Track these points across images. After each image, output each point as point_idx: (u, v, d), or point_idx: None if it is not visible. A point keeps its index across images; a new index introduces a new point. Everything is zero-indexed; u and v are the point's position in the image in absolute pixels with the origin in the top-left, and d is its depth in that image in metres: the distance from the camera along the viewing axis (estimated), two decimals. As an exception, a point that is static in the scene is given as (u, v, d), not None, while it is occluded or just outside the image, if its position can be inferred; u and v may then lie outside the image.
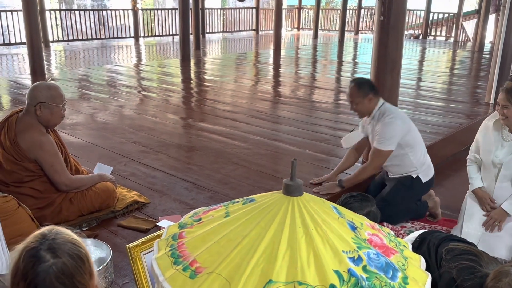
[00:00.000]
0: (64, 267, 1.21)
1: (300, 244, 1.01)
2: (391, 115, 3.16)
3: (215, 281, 0.97)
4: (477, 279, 1.87)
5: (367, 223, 1.20)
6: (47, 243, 1.25)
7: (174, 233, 1.18)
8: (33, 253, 1.23)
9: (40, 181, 2.73)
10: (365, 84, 3.24)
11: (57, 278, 1.20)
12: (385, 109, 3.21)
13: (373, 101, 3.22)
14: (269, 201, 1.14)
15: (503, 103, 2.69)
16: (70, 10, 14.68)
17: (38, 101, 2.68)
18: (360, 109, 3.24)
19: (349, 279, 0.96)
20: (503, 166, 2.78)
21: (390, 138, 3.13)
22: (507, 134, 2.80)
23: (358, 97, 3.19)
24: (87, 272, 1.26)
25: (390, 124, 3.13)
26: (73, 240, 1.29)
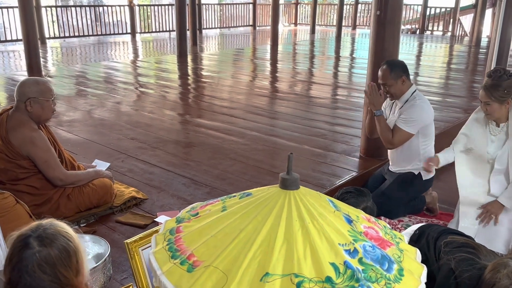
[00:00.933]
0: (48, 256, 1.25)
1: (297, 237, 1.02)
2: (421, 100, 3.19)
3: (212, 274, 0.97)
4: (476, 270, 1.88)
5: (363, 216, 1.21)
6: (38, 232, 1.29)
7: (172, 228, 1.19)
8: (22, 239, 1.29)
9: (36, 178, 2.73)
10: (398, 65, 3.23)
11: (39, 266, 1.24)
12: (417, 94, 3.23)
13: (406, 84, 3.22)
14: (266, 195, 1.14)
15: (485, 100, 2.72)
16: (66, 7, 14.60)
17: (27, 96, 2.67)
18: (394, 91, 3.22)
19: (345, 271, 0.97)
20: (496, 160, 2.80)
21: (414, 120, 3.14)
22: (494, 128, 2.82)
23: (391, 80, 3.18)
24: (73, 267, 1.29)
25: (418, 107, 3.14)
26: (65, 234, 1.32)
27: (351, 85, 7.70)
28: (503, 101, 2.69)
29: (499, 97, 2.68)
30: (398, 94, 3.24)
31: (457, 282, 1.92)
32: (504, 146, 2.79)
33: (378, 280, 0.98)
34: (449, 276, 1.95)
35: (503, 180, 2.82)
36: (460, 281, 1.91)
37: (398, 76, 3.18)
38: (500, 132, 2.82)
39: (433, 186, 3.88)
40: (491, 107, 2.71)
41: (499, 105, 2.71)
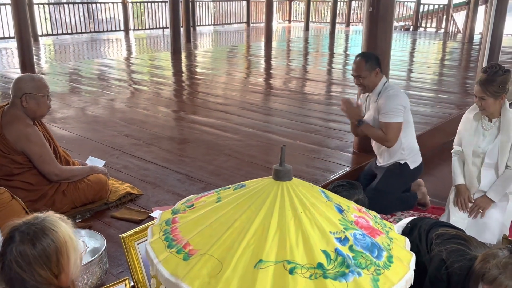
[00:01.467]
0: (24, 253, 1.26)
1: (289, 226, 1.05)
2: (393, 90, 3.22)
3: (207, 262, 1.00)
4: (466, 261, 1.93)
5: (354, 207, 1.24)
6: (25, 226, 1.31)
7: (168, 219, 1.21)
8: (10, 231, 1.30)
9: (30, 173, 2.75)
10: (373, 57, 3.24)
11: (16, 261, 1.26)
12: (388, 85, 3.26)
13: (379, 76, 3.23)
14: (259, 186, 1.17)
15: (480, 95, 2.76)
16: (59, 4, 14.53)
17: (23, 92, 2.68)
18: (368, 83, 3.23)
19: (336, 258, 1.00)
20: (487, 154, 2.85)
21: (396, 110, 3.15)
22: (487, 123, 2.87)
23: (365, 72, 3.19)
24: (52, 267, 1.28)
25: (394, 97, 3.17)
26: (50, 232, 1.31)
27: (345, 81, 7.73)
28: (498, 96, 2.74)
29: (494, 92, 2.72)
30: (371, 86, 3.26)
31: (448, 272, 1.97)
32: (495, 141, 2.84)
33: (368, 266, 1.02)
34: (440, 266, 2.00)
35: (492, 174, 2.87)
36: (451, 271, 1.96)
37: (372, 68, 3.19)
38: (492, 127, 2.87)
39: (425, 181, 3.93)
40: (486, 102, 2.75)
41: (493, 100, 2.75)
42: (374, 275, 1.00)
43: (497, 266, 1.78)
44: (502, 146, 2.81)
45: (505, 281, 1.78)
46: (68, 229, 1.36)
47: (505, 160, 2.83)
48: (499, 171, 2.84)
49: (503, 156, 2.82)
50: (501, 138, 2.81)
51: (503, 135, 2.80)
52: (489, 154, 2.85)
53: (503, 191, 2.85)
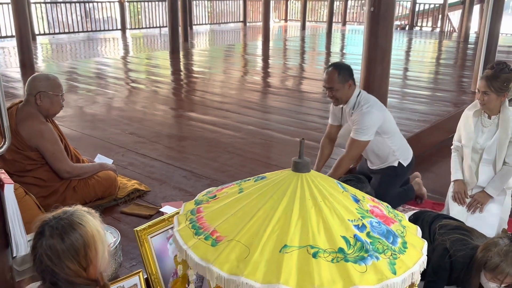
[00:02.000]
0: (54, 248, 1.32)
1: (310, 214, 1.12)
2: (368, 104, 3.05)
3: (235, 247, 1.07)
4: (469, 250, 2.02)
5: (368, 197, 1.31)
6: (54, 221, 1.36)
7: (192, 209, 1.28)
8: (40, 225, 1.36)
9: (43, 170, 2.81)
10: (345, 68, 3.06)
11: (46, 255, 1.32)
12: (362, 98, 3.09)
13: (352, 88, 3.06)
14: (280, 177, 1.24)
15: (483, 89, 2.82)
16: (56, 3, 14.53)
17: (38, 90, 2.75)
18: (340, 96, 3.06)
19: (355, 243, 1.07)
20: (485, 151, 2.92)
21: (367, 128, 3.02)
22: (486, 120, 2.94)
23: (338, 84, 3.01)
24: (80, 261, 1.34)
25: (368, 114, 3.01)
26: (78, 227, 1.36)
27: (342, 80, 7.80)
28: (501, 93, 2.80)
29: (498, 89, 2.78)
30: (343, 99, 3.09)
31: (451, 260, 2.05)
32: (494, 137, 2.92)
33: (385, 251, 1.09)
34: (444, 255, 2.08)
35: (490, 170, 2.95)
36: (454, 260, 2.04)
37: (345, 80, 3.02)
38: (491, 124, 2.94)
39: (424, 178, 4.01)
40: (489, 97, 2.81)
41: (496, 97, 2.81)
42: (390, 259, 1.08)
43: (498, 254, 1.88)
44: (500, 142, 2.89)
45: (506, 268, 1.87)
46: (96, 222, 1.40)
47: (503, 156, 2.90)
48: (497, 167, 2.91)
49: (501, 153, 2.90)
50: (500, 135, 2.89)
51: (502, 132, 2.87)
52: (487, 151, 2.92)
53: (501, 187, 2.93)
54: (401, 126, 4.76)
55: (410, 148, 3.44)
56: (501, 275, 1.91)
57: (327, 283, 0.99)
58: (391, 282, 1.03)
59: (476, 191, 2.99)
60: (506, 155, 2.89)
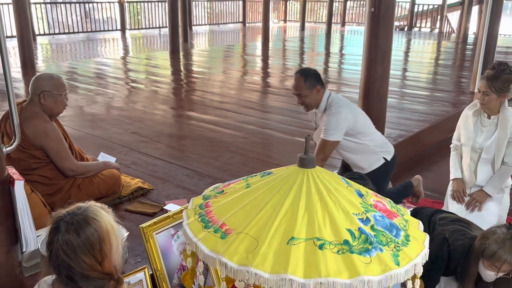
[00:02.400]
0: (70, 243, 1.35)
1: (316, 208, 1.16)
2: (337, 105, 3.01)
3: (244, 240, 1.11)
4: (467, 240, 2.07)
5: (371, 192, 1.35)
6: (69, 217, 1.39)
7: (200, 203, 1.32)
8: (55, 221, 1.39)
9: (48, 168, 2.84)
10: (312, 74, 3.04)
11: (62, 250, 1.34)
12: (332, 100, 3.05)
13: (321, 93, 3.03)
14: (286, 173, 1.28)
15: (484, 89, 2.86)
16: (56, 3, 14.56)
17: (42, 90, 2.79)
18: (309, 101, 3.04)
19: (360, 236, 1.11)
20: (484, 150, 2.96)
21: (335, 128, 2.98)
22: (485, 120, 2.98)
23: (306, 89, 2.99)
24: (96, 255, 1.36)
25: (335, 114, 2.98)
26: (93, 222, 1.39)
27: (341, 80, 7.86)
28: (501, 93, 2.84)
29: (499, 89, 2.82)
30: (313, 104, 3.07)
31: (449, 249, 2.10)
32: (493, 137, 2.95)
33: (389, 243, 1.13)
34: (442, 244, 2.13)
35: (489, 169, 2.99)
36: (452, 249, 2.10)
37: (312, 86, 2.99)
38: (491, 124, 2.98)
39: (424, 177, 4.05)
40: (489, 97, 2.84)
41: (496, 97, 2.85)
42: (394, 251, 1.11)
43: (496, 242, 1.94)
44: (499, 142, 2.93)
45: (504, 255, 1.92)
46: (109, 217, 1.43)
47: (501, 156, 2.94)
48: (496, 166, 2.95)
49: (499, 152, 2.94)
50: (498, 134, 2.93)
51: (501, 132, 2.91)
52: (486, 150, 2.96)
53: (499, 186, 2.97)
54: (400, 126, 4.84)
55: (389, 142, 3.39)
56: (498, 262, 1.96)
57: (333, 273, 1.03)
58: (395, 273, 1.06)
59: (474, 190, 3.03)
60: (505, 155, 2.93)
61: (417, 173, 4.20)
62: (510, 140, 2.90)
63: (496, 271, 1.99)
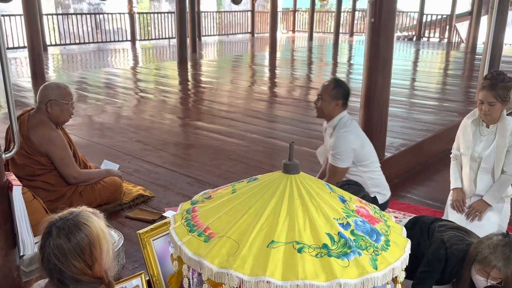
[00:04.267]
0: (61, 247, 1.38)
1: (298, 213, 1.18)
2: (345, 129, 2.98)
3: (226, 243, 1.14)
4: (465, 245, 2.09)
5: (355, 198, 1.38)
6: (60, 222, 1.42)
7: (188, 208, 1.35)
8: (47, 226, 1.43)
9: (51, 174, 2.91)
10: (342, 89, 3.04)
11: (54, 254, 1.38)
12: (343, 122, 3.02)
13: (337, 109, 3.01)
14: (270, 178, 1.31)
15: (490, 100, 2.80)
16: (67, 14, 14.81)
17: (49, 99, 2.87)
18: (323, 108, 3.01)
19: (339, 240, 1.14)
20: (483, 159, 2.95)
21: (343, 153, 2.93)
22: (484, 129, 2.98)
23: (328, 96, 2.99)
24: (86, 259, 1.40)
25: (342, 138, 2.95)
26: (84, 227, 1.42)
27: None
28: (505, 101, 2.82)
29: (503, 97, 2.80)
30: (324, 112, 3.03)
31: (447, 253, 2.11)
32: (491, 146, 2.95)
33: (368, 248, 1.15)
34: (440, 247, 2.15)
35: (489, 178, 2.98)
36: (449, 252, 2.11)
37: (335, 97, 2.97)
38: (489, 133, 2.98)
39: (427, 186, 4.05)
40: (494, 107, 2.81)
41: (501, 106, 2.83)
42: (372, 255, 1.13)
43: (488, 247, 1.96)
44: (498, 151, 2.92)
45: (494, 261, 1.93)
46: (100, 222, 1.47)
47: (501, 165, 2.93)
48: (495, 175, 2.95)
49: (499, 161, 2.93)
50: (497, 143, 2.92)
51: (499, 141, 2.91)
52: (485, 159, 2.96)
53: (499, 195, 2.96)
54: (403, 135, 4.84)
55: (388, 188, 3.22)
56: (488, 267, 1.97)
57: (311, 276, 1.05)
58: (372, 276, 1.08)
59: (474, 200, 3.02)
60: (504, 164, 2.92)
61: (420, 182, 4.23)
62: (509, 149, 2.89)
63: (486, 277, 1.99)
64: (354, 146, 2.96)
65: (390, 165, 4.15)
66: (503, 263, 1.95)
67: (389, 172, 4.02)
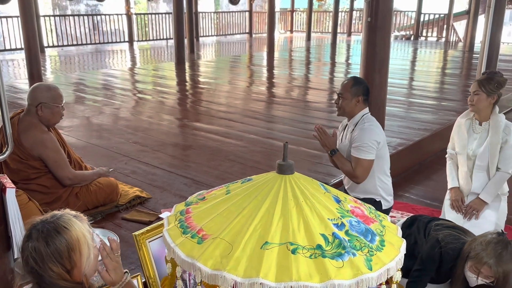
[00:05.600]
0: (38, 250, 1.36)
1: (292, 213, 1.17)
2: (370, 122, 2.95)
3: (219, 244, 1.13)
4: (459, 244, 2.09)
5: (350, 198, 1.37)
6: (41, 224, 1.40)
7: (182, 210, 1.34)
8: (29, 228, 1.41)
9: (46, 177, 2.89)
10: (362, 85, 3.01)
11: (32, 257, 1.35)
12: (366, 117, 2.99)
13: (359, 106, 2.98)
14: (265, 179, 1.30)
15: (474, 89, 2.91)
16: (64, 16, 14.79)
17: (39, 101, 2.82)
18: (344, 106, 2.99)
19: (333, 240, 1.12)
20: (477, 157, 2.96)
21: (368, 145, 2.87)
22: (477, 126, 2.99)
23: (348, 94, 2.96)
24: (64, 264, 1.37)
25: (368, 130, 2.90)
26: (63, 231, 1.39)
27: (346, 90, 7.86)
28: (491, 94, 2.87)
29: (489, 90, 2.85)
30: (347, 111, 3.00)
31: (441, 251, 2.11)
32: (485, 143, 2.96)
33: (362, 248, 1.14)
34: (434, 246, 2.15)
35: (485, 176, 2.98)
36: (444, 251, 2.11)
37: (356, 94, 2.95)
38: (482, 130, 3.00)
39: (424, 186, 4.04)
40: (479, 97, 2.88)
41: (486, 97, 2.88)
42: (367, 256, 1.12)
43: (481, 244, 1.97)
44: (492, 148, 2.93)
45: (485, 258, 1.94)
46: (82, 226, 1.43)
47: (495, 162, 2.94)
48: (491, 173, 2.95)
49: (493, 158, 2.94)
50: (491, 140, 2.93)
51: (493, 137, 2.92)
52: (479, 157, 2.96)
53: (495, 193, 2.96)
54: (401, 135, 4.84)
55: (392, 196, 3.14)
56: (479, 264, 1.98)
57: (304, 277, 1.04)
58: (366, 277, 1.07)
59: (471, 198, 3.02)
60: (499, 161, 2.93)
61: (417, 181, 4.22)
62: (502, 146, 2.91)
63: (477, 274, 1.99)
64: (378, 139, 2.92)
65: (388, 165, 4.14)
66: (494, 261, 1.95)
67: (387, 172, 4.03)
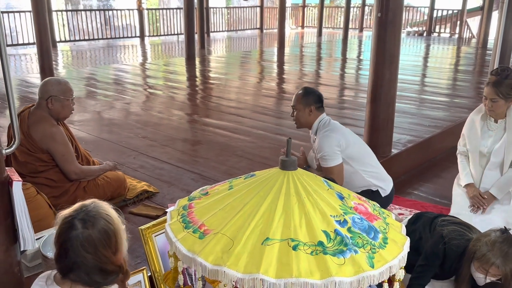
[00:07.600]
0: (89, 238, 1.39)
1: (294, 209, 1.16)
2: (326, 129, 2.95)
3: (220, 240, 1.12)
4: (464, 241, 2.08)
5: (354, 195, 1.35)
6: (82, 214, 1.43)
7: (184, 204, 1.34)
8: (68, 220, 1.42)
9: (54, 171, 2.91)
10: (312, 95, 3.02)
11: (82, 246, 1.38)
12: (323, 124, 2.99)
13: (313, 115, 3.00)
14: (267, 175, 1.29)
15: (491, 96, 2.82)
16: (76, 11, 14.88)
17: (49, 95, 2.85)
18: (299, 118, 3.02)
19: (335, 237, 1.11)
20: (492, 154, 2.93)
21: (330, 153, 2.88)
22: (492, 124, 2.95)
23: (300, 105, 2.99)
24: (112, 247, 1.41)
25: (324, 138, 2.91)
26: (106, 216, 1.44)
27: (358, 86, 7.82)
28: (508, 98, 2.81)
29: (506, 94, 2.80)
30: (302, 122, 3.03)
31: (445, 248, 2.09)
32: (501, 140, 2.92)
33: (364, 245, 1.13)
34: (438, 241, 2.14)
35: (497, 174, 2.95)
36: (448, 247, 2.10)
37: (307, 104, 2.97)
38: (498, 128, 2.96)
39: (434, 183, 4.00)
40: (497, 104, 2.82)
41: (504, 102, 2.83)
42: (369, 253, 1.11)
43: (486, 244, 1.95)
44: (508, 145, 2.89)
45: (492, 258, 1.92)
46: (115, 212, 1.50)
47: (510, 158, 2.91)
48: (504, 169, 2.92)
49: (509, 155, 2.91)
50: (507, 137, 2.90)
51: (509, 135, 2.88)
52: (495, 153, 2.93)
53: (506, 189, 2.93)
54: (411, 132, 4.79)
55: (389, 179, 3.14)
56: (487, 264, 1.96)
57: (305, 273, 1.04)
58: (368, 275, 1.06)
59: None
60: None
61: (427, 179, 4.18)
62: None
63: (485, 274, 1.99)
64: (338, 143, 2.92)
65: (397, 162, 4.11)
66: (501, 260, 1.94)
67: (396, 169, 3.99)
